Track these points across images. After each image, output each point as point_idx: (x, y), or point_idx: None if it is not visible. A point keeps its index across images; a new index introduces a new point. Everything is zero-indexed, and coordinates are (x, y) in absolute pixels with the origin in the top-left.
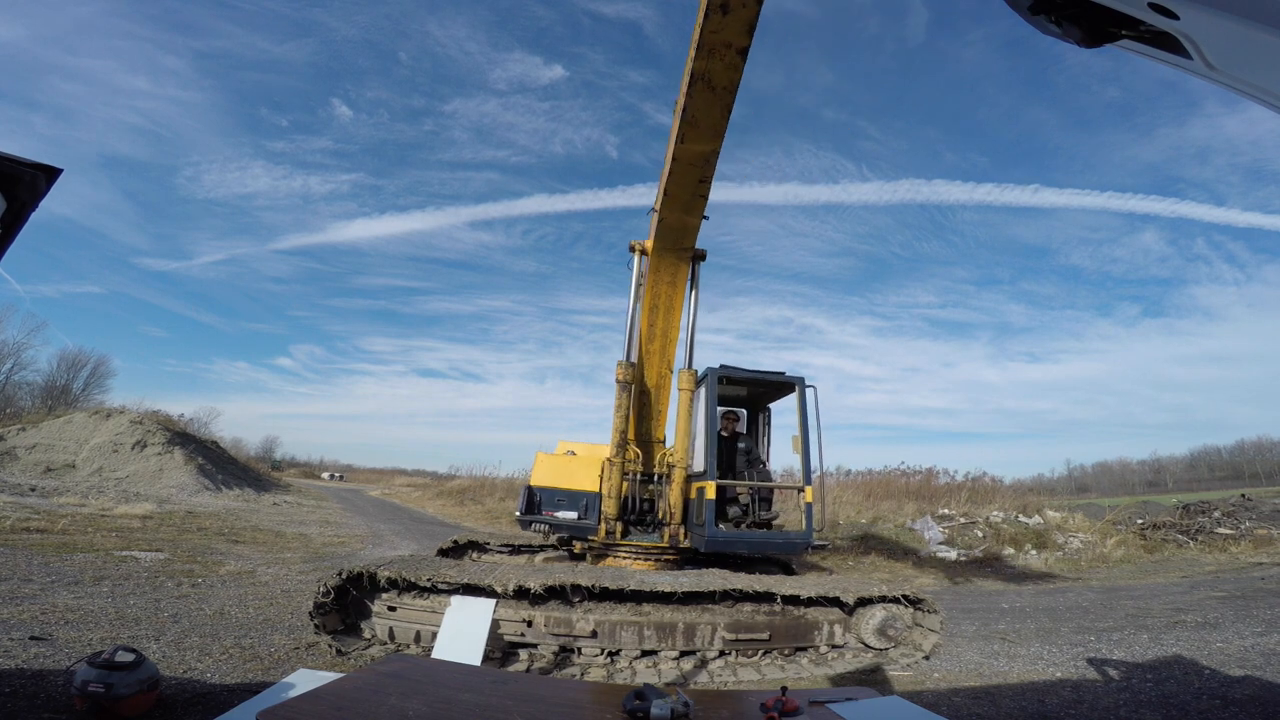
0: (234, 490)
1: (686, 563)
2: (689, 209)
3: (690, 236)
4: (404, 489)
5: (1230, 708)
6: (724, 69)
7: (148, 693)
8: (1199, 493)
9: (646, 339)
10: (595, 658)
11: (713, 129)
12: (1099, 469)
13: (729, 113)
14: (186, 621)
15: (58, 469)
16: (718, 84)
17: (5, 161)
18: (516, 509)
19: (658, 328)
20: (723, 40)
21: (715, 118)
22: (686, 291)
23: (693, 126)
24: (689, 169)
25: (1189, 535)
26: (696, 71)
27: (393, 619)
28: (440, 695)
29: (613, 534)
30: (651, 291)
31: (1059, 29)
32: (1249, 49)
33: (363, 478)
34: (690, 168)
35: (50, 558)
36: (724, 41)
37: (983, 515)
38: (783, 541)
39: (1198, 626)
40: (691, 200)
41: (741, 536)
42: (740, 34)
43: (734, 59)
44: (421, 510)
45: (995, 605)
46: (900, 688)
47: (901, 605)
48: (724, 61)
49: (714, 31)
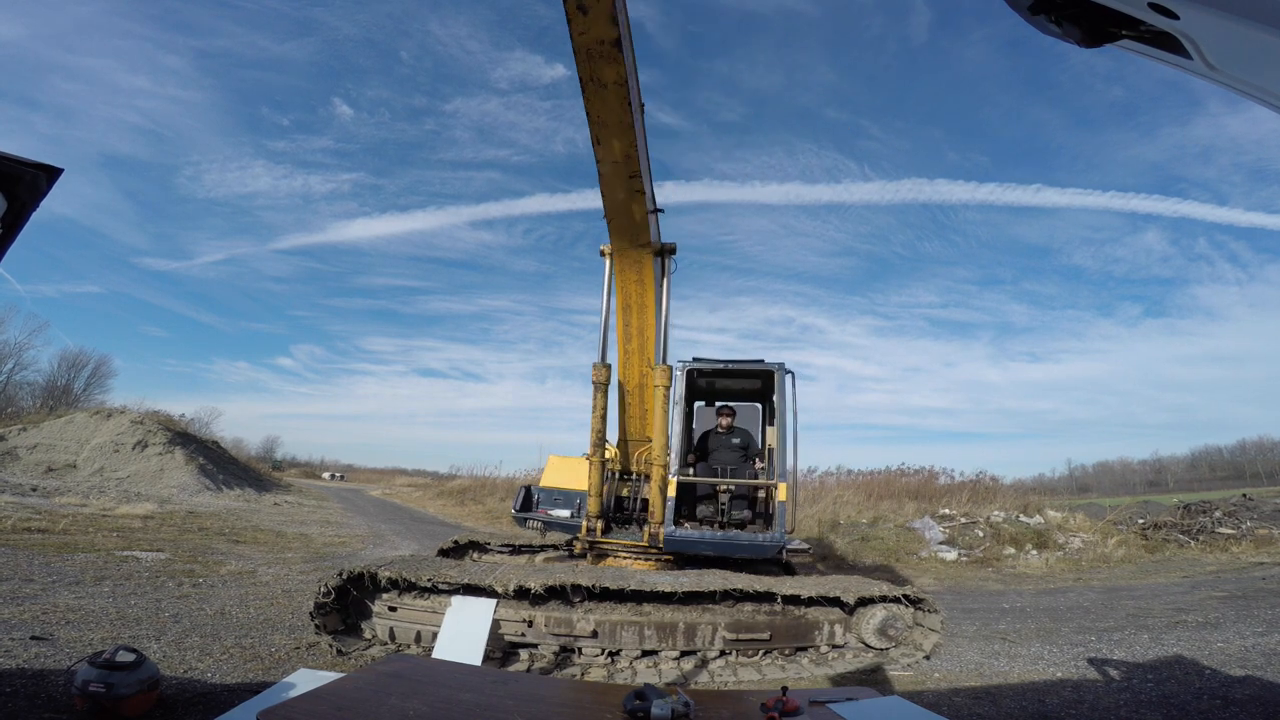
0: (235, 490)
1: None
2: (629, 206)
3: (642, 233)
4: (405, 489)
5: (1231, 708)
6: (606, 65)
7: (148, 693)
8: (1200, 492)
9: (624, 339)
10: (596, 658)
11: (620, 124)
12: (1100, 469)
13: (629, 105)
14: (187, 621)
15: (59, 469)
16: (607, 81)
17: (6, 161)
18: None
19: (633, 327)
20: (593, 38)
21: (618, 113)
22: (658, 287)
23: (602, 127)
24: (615, 168)
25: (1190, 535)
26: (583, 76)
27: (393, 619)
28: (440, 695)
29: (594, 531)
30: (622, 291)
31: (1059, 29)
32: (1249, 49)
33: (363, 478)
34: (615, 166)
35: (51, 558)
36: (595, 39)
37: (983, 515)
38: (749, 544)
39: (1199, 626)
40: (629, 197)
41: (703, 537)
42: (606, 28)
43: (610, 52)
44: (422, 510)
45: (996, 605)
46: (901, 688)
47: (902, 605)
48: (603, 58)
49: (582, 33)
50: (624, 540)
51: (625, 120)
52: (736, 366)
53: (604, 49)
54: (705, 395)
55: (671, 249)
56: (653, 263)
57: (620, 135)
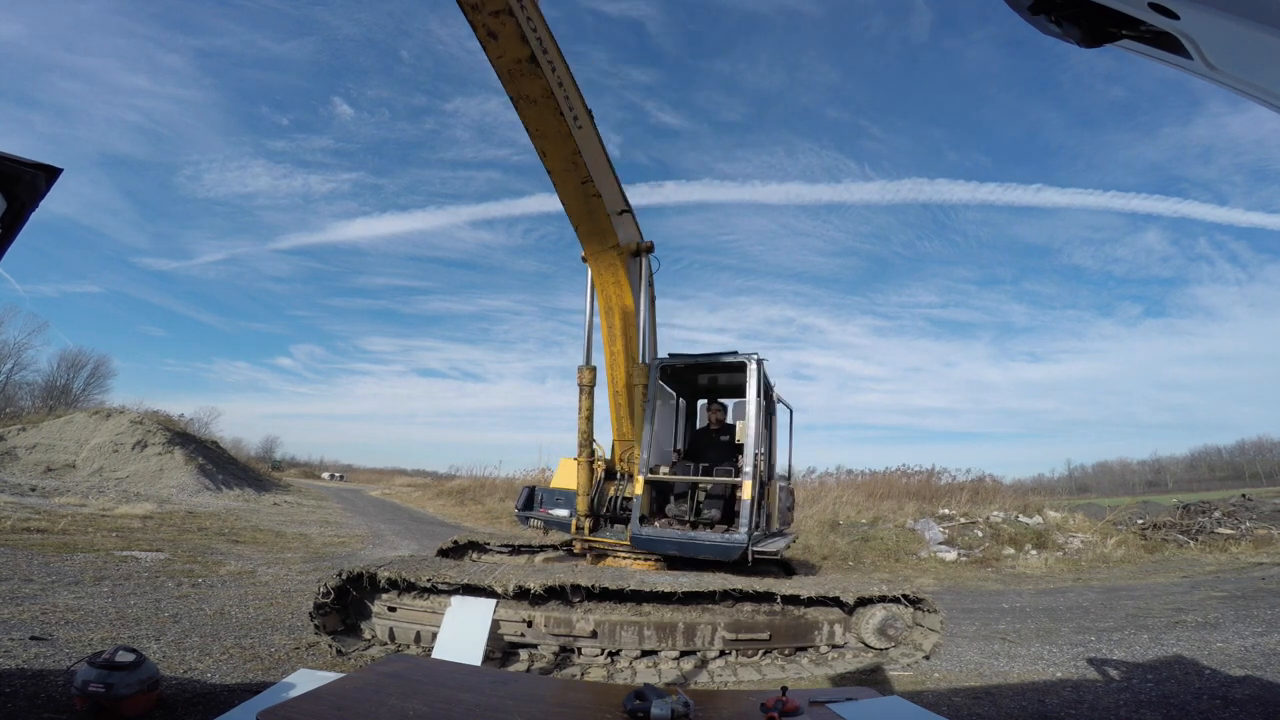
0: (234, 490)
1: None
2: (588, 211)
3: (609, 236)
4: (404, 489)
5: (1231, 708)
6: (528, 81)
7: (148, 693)
8: (1199, 493)
9: (609, 340)
10: (595, 658)
11: (557, 134)
12: (1099, 469)
13: (562, 115)
14: (187, 621)
15: (58, 469)
16: (534, 96)
17: (5, 161)
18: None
19: (616, 329)
20: (510, 60)
21: (553, 124)
22: (636, 288)
23: (543, 139)
24: (564, 176)
25: (1189, 535)
26: (511, 94)
27: (393, 619)
28: (440, 695)
29: (581, 530)
30: (602, 294)
31: (1059, 29)
32: (1249, 49)
33: (363, 478)
34: (565, 174)
35: (51, 558)
36: (512, 60)
37: (983, 515)
38: (709, 544)
39: (1198, 626)
40: (585, 202)
41: (666, 535)
42: (518, 48)
43: (529, 69)
44: (422, 510)
45: (995, 605)
46: (900, 688)
47: (902, 605)
48: (524, 75)
49: (499, 56)
50: (608, 539)
51: (562, 130)
52: (709, 360)
53: (522, 67)
54: (707, 393)
55: (648, 248)
56: (628, 263)
57: (560, 144)
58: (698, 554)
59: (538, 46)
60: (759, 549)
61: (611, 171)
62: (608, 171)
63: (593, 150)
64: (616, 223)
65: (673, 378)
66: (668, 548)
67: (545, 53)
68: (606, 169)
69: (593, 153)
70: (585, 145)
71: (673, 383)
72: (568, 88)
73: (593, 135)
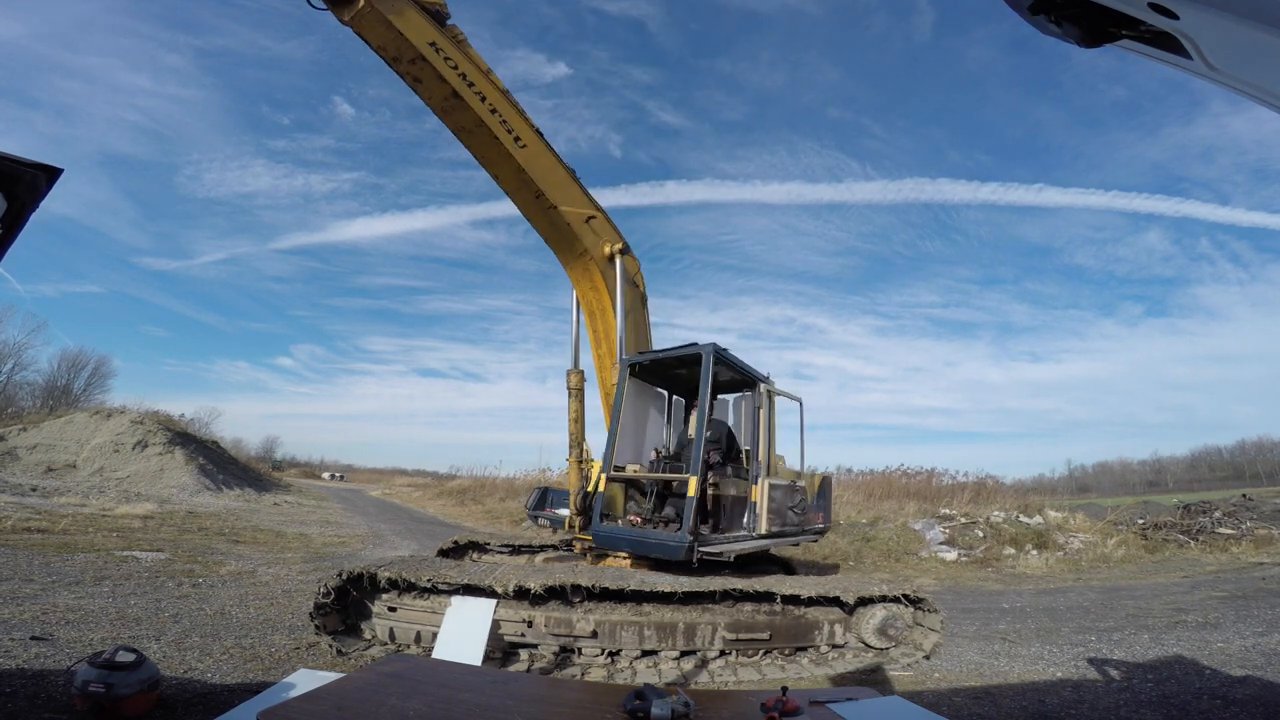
0: (234, 490)
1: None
2: (550, 223)
3: (576, 244)
4: (404, 489)
5: (1231, 708)
6: (459, 114)
7: (148, 693)
8: (1200, 493)
9: (595, 344)
10: (596, 658)
11: (500, 155)
12: (1100, 469)
13: (498, 137)
14: (187, 621)
15: (58, 469)
16: (469, 126)
17: (5, 161)
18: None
19: (600, 332)
20: (438, 99)
21: (494, 147)
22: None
23: (488, 163)
24: (518, 193)
25: (1190, 535)
26: (451, 128)
27: (393, 619)
28: (440, 695)
29: (573, 528)
30: (583, 299)
31: (1059, 29)
32: (1249, 49)
33: (363, 478)
34: (517, 192)
35: (51, 558)
36: (440, 98)
37: (983, 515)
38: (656, 543)
39: (1198, 626)
40: (544, 214)
41: (617, 533)
42: (440, 88)
43: (456, 104)
44: (422, 510)
45: (996, 605)
46: (901, 688)
47: (902, 605)
48: (454, 110)
49: (428, 98)
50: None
51: (503, 152)
52: (675, 354)
53: (450, 103)
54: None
55: (622, 249)
56: (604, 267)
57: (505, 165)
58: (648, 552)
59: (460, 82)
60: (707, 550)
61: (573, 181)
62: (566, 182)
63: (541, 165)
64: (583, 230)
65: (658, 376)
66: (622, 545)
67: (471, 85)
68: (563, 180)
69: (542, 167)
70: (530, 162)
71: (660, 381)
72: (503, 112)
73: (541, 151)
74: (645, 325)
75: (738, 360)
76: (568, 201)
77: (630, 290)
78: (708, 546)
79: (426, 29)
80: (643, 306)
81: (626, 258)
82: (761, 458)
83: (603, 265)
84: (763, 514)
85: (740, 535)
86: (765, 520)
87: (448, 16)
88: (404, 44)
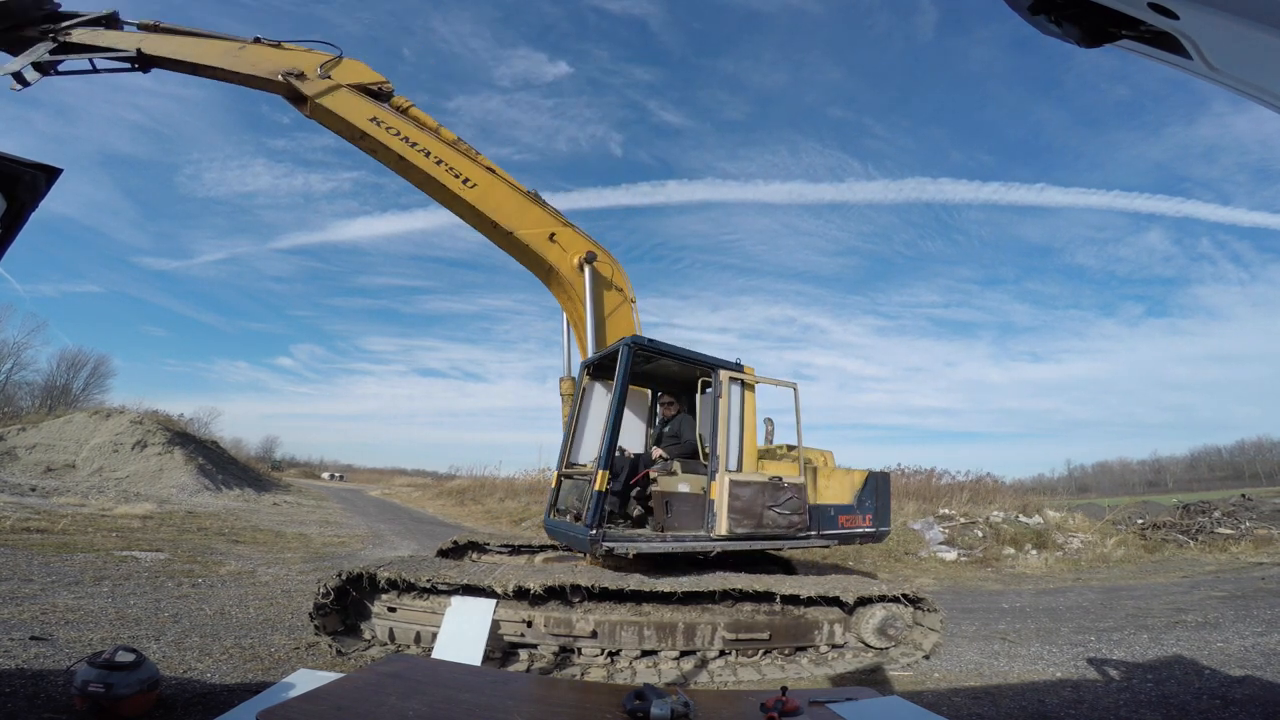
0: (234, 490)
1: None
2: (511, 245)
3: (542, 261)
4: (404, 489)
5: (1230, 708)
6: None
7: (148, 693)
8: (1199, 493)
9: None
10: (595, 658)
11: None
12: (1099, 469)
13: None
14: (187, 621)
15: (58, 469)
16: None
17: (5, 161)
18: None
19: (583, 340)
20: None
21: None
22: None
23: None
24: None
25: (1189, 535)
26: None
27: (393, 620)
28: (440, 695)
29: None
30: (565, 310)
31: (1059, 29)
32: (1249, 49)
33: (363, 478)
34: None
35: (50, 558)
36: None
37: (983, 515)
38: (571, 535)
39: (1198, 626)
40: (505, 239)
41: (557, 527)
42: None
43: (404, 164)
44: (422, 510)
45: (995, 605)
46: (900, 688)
47: (902, 604)
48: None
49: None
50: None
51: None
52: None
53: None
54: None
55: (587, 259)
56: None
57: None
58: (569, 543)
59: (403, 146)
60: (612, 543)
61: (530, 203)
62: (522, 207)
63: (493, 199)
64: (545, 248)
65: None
66: (560, 537)
67: (414, 146)
68: (518, 206)
69: (494, 201)
70: (481, 199)
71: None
72: (449, 161)
73: (490, 186)
74: (631, 326)
75: (677, 350)
76: (525, 225)
77: (610, 294)
78: (614, 542)
79: (365, 107)
80: (629, 306)
81: (599, 263)
82: (721, 451)
83: (573, 277)
84: (722, 513)
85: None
86: (725, 520)
87: (391, 93)
88: (348, 125)
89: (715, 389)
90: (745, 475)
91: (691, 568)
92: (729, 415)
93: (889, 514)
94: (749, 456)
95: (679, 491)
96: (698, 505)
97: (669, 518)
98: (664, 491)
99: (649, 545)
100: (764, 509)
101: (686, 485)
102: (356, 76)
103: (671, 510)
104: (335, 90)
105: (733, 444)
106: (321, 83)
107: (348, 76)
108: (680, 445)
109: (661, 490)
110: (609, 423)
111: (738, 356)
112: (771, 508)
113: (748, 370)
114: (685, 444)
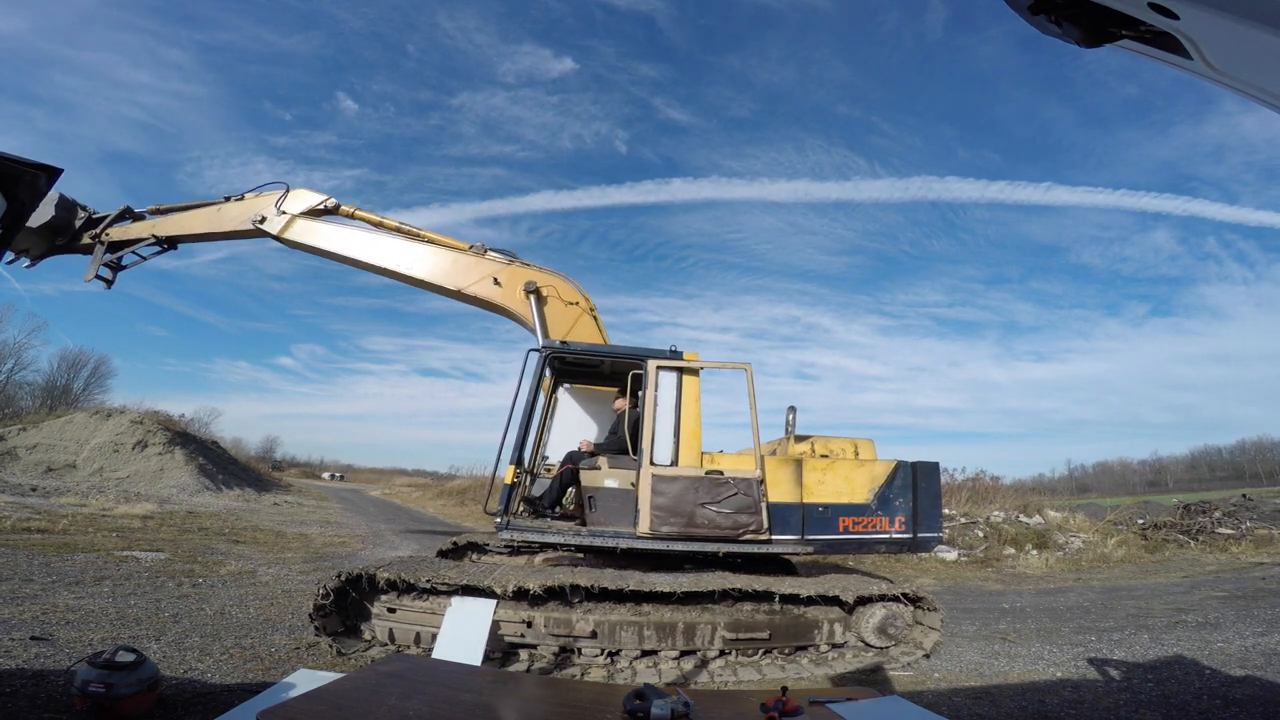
0: (234, 490)
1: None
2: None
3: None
4: (404, 489)
5: (1231, 708)
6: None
7: (148, 693)
8: (1200, 493)
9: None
10: (595, 658)
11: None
12: (1099, 469)
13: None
14: (187, 621)
15: (58, 469)
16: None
17: (5, 161)
18: None
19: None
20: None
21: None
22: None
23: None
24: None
25: (1190, 535)
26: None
27: (393, 620)
28: (440, 695)
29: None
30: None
31: (1059, 29)
32: (1249, 49)
33: (363, 478)
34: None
35: (51, 558)
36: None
37: (983, 515)
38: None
39: (1198, 626)
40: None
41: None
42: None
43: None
44: (422, 510)
45: (996, 605)
46: (901, 687)
47: (902, 603)
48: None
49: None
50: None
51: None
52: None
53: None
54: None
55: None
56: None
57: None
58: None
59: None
60: (510, 534)
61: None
62: (466, 266)
63: (440, 269)
64: (491, 293)
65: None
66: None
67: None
68: (463, 266)
69: (440, 270)
70: (429, 273)
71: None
72: (393, 251)
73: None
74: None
75: (597, 348)
76: (469, 280)
77: (566, 310)
78: (515, 532)
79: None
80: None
81: (542, 288)
82: (646, 444)
83: (521, 310)
84: (645, 509)
85: (603, 532)
86: (648, 517)
87: (337, 206)
88: (312, 249)
89: (644, 380)
90: (672, 469)
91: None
92: (655, 406)
93: (938, 516)
94: (688, 449)
95: (604, 487)
96: (628, 501)
97: (593, 513)
98: (588, 487)
99: (556, 537)
100: (696, 506)
101: (615, 481)
102: (305, 203)
103: (596, 506)
104: (292, 223)
105: (663, 436)
106: (279, 220)
107: (298, 205)
108: (614, 440)
109: (586, 485)
110: (521, 422)
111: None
112: (708, 505)
113: (689, 356)
114: (617, 439)
